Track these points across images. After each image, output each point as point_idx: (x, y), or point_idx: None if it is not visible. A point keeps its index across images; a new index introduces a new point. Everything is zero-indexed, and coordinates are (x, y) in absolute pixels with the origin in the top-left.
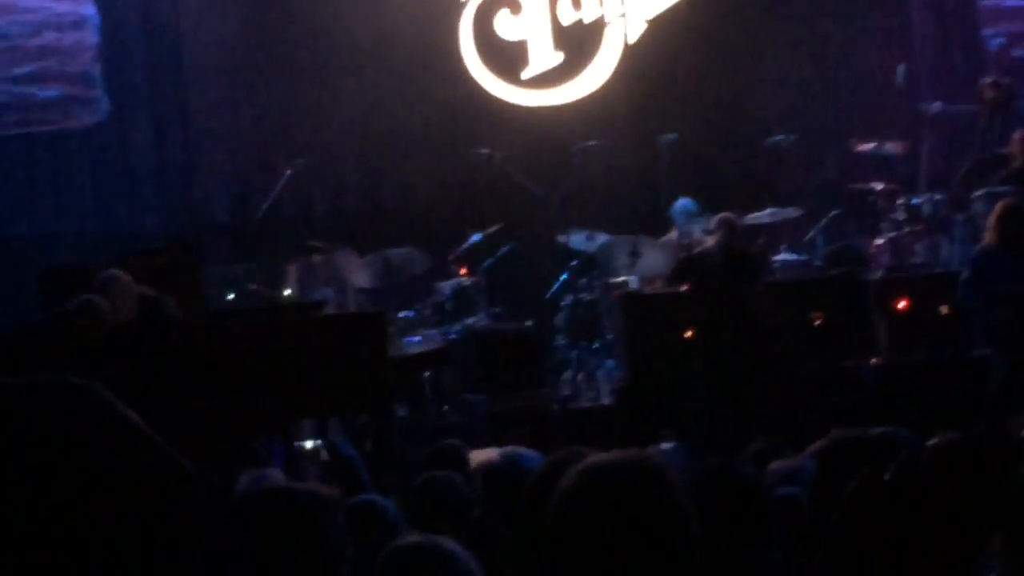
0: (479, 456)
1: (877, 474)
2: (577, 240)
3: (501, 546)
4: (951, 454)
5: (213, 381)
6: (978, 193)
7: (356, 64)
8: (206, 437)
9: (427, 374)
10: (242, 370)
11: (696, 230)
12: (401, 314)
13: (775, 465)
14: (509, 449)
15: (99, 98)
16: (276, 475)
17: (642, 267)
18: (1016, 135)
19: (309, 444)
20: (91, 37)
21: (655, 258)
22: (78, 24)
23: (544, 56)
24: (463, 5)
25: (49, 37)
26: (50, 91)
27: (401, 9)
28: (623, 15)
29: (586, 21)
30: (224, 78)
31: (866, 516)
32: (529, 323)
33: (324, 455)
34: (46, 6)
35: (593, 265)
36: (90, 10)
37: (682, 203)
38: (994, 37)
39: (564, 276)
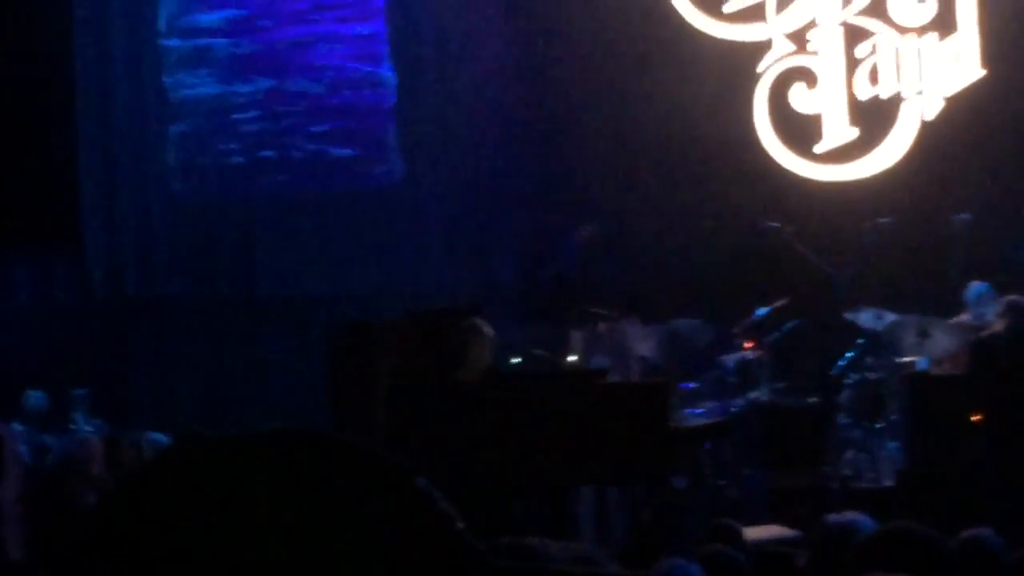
0: (754, 533)
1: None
2: (865, 318)
3: None
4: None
5: (490, 440)
6: None
7: (650, 131)
8: (474, 498)
9: (707, 446)
10: (522, 432)
11: (989, 313)
12: (684, 385)
13: None
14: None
15: (392, 159)
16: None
17: (930, 348)
18: None
19: None
20: (388, 98)
21: (944, 339)
22: (376, 84)
23: (839, 131)
24: (759, 76)
25: (346, 96)
26: (345, 150)
27: (697, 78)
28: (921, 92)
29: (883, 97)
30: (516, 143)
31: None
32: (813, 400)
33: None
34: (346, 65)
35: (880, 344)
36: (387, 71)
37: (976, 287)
38: None
39: (850, 354)
